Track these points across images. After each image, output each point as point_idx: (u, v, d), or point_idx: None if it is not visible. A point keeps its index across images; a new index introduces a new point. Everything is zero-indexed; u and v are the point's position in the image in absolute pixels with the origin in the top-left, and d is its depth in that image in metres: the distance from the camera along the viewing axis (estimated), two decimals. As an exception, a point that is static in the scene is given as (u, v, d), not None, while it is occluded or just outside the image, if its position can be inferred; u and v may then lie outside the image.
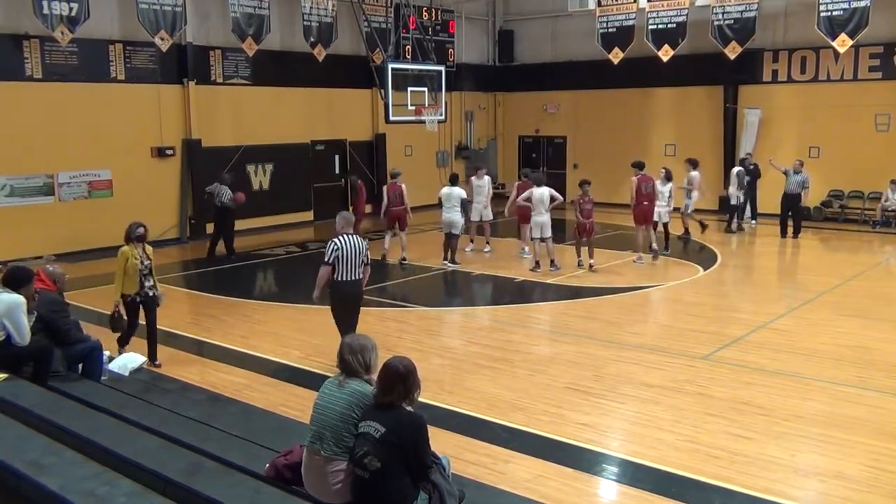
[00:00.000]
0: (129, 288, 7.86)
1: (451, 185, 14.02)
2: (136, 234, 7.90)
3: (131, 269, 7.82)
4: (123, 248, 7.87)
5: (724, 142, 20.00)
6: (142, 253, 7.94)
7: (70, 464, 4.53)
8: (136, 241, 7.89)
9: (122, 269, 7.82)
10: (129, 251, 7.85)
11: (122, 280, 7.83)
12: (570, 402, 7.21)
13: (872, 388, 7.48)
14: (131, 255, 7.83)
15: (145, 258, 7.98)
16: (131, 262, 7.81)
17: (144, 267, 7.95)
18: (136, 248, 7.88)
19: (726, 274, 13.52)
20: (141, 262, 7.88)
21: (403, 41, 18.76)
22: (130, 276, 7.84)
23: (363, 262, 7.75)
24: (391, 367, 4.08)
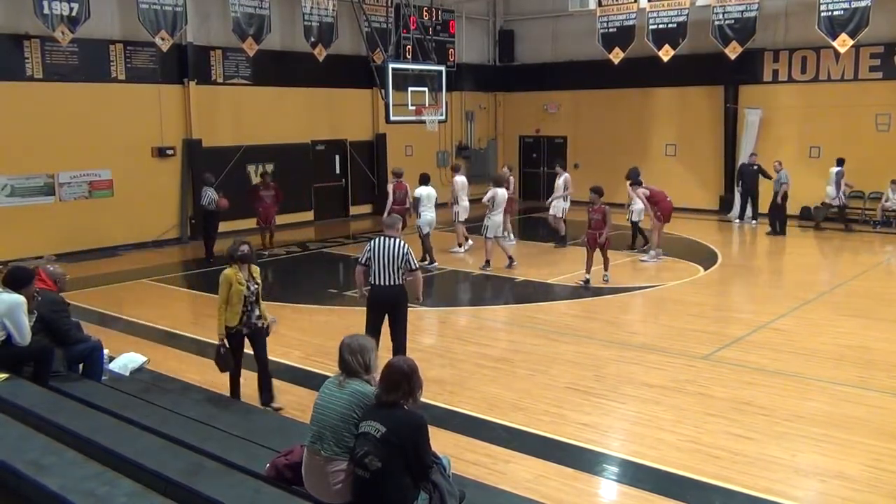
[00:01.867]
0: (234, 319, 6.65)
1: (426, 184, 13.91)
2: (239, 253, 6.68)
3: (235, 296, 6.59)
4: (226, 272, 6.68)
5: (725, 142, 19.99)
6: (247, 276, 6.71)
7: (70, 464, 4.53)
8: (240, 263, 6.67)
9: (226, 295, 6.61)
10: (232, 274, 6.61)
11: (225, 309, 6.65)
12: (570, 402, 7.21)
13: (873, 388, 7.47)
14: (235, 278, 6.60)
15: (252, 282, 6.74)
16: (236, 288, 6.58)
17: (251, 293, 6.72)
18: (241, 270, 6.67)
19: (727, 274, 13.51)
20: (247, 286, 6.67)
21: (404, 41, 18.76)
22: (234, 305, 6.62)
23: (404, 268, 7.34)
24: (395, 366, 4.09)
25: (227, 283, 6.58)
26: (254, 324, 6.81)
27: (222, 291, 6.60)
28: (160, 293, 12.48)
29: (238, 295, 6.58)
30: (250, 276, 6.73)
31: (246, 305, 6.66)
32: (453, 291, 12.79)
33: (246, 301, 6.65)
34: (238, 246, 6.67)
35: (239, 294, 6.59)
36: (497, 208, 13.32)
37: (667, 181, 19.14)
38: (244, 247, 6.69)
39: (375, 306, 7.48)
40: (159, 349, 8.93)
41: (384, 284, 7.33)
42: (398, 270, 7.33)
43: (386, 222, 7.85)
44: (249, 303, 6.70)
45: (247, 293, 6.64)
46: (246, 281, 6.64)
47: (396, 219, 7.96)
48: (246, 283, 6.64)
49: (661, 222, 13.94)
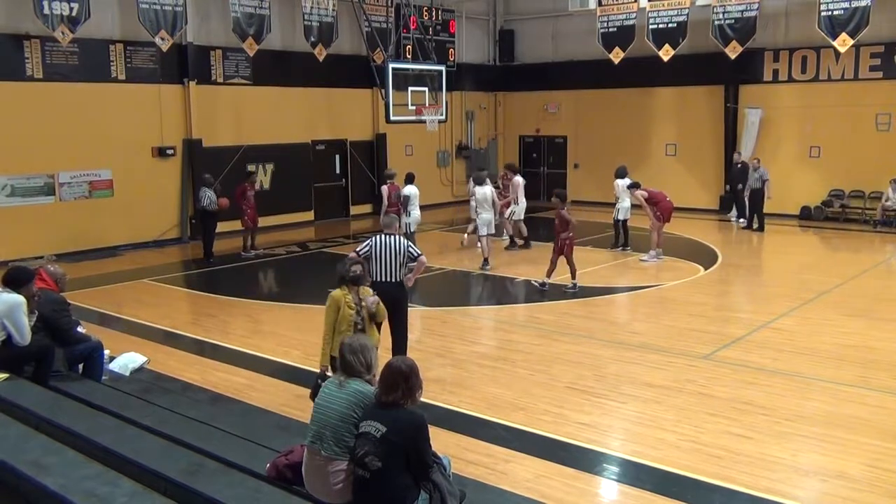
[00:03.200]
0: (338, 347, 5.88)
1: (411, 183, 13.96)
2: (352, 274, 6.02)
3: (344, 322, 5.89)
4: (334, 294, 6.03)
5: (725, 141, 19.99)
6: (356, 300, 6.07)
7: (71, 464, 4.53)
8: (350, 285, 6.05)
9: (333, 321, 5.92)
10: (341, 297, 5.97)
11: (332, 337, 5.95)
12: (571, 401, 7.20)
13: (874, 388, 7.47)
14: (345, 302, 5.95)
15: (358, 303, 6.09)
16: (345, 313, 5.91)
17: (360, 319, 6.02)
18: (351, 292, 6.05)
19: (727, 273, 13.50)
20: (356, 311, 6.00)
21: (404, 41, 18.77)
22: (343, 332, 5.85)
23: (406, 261, 7.45)
24: (394, 366, 4.08)
25: (335, 306, 5.90)
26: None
27: (329, 316, 5.91)
28: (160, 293, 12.48)
29: (347, 321, 5.88)
30: (359, 300, 6.08)
31: (354, 330, 5.92)
32: (453, 291, 12.78)
33: (355, 327, 5.92)
34: (350, 266, 6.00)
35: (348, 320, 5.89)
36: (482, 206, 13.60)
37: (667, 181, 19.22)
38: (357, 267, 6.02)
39: None
40: (159, 349, 8.92)
41: (385, 281, 7.41)
42: (399, 268, 7.45)
43: (384, 222, 7.96)
44: (358, 330, 5.93)
45: (356, 319, 5.93)
46: (355, 305, 5.99)
47: (394, 218, 8.14)
48: (355, 306, 5.98)
49: (661, 222, 13.94)
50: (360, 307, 6.00)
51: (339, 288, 6.03)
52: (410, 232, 13.75)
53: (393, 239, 7.46)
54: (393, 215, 8.27)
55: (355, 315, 5.92)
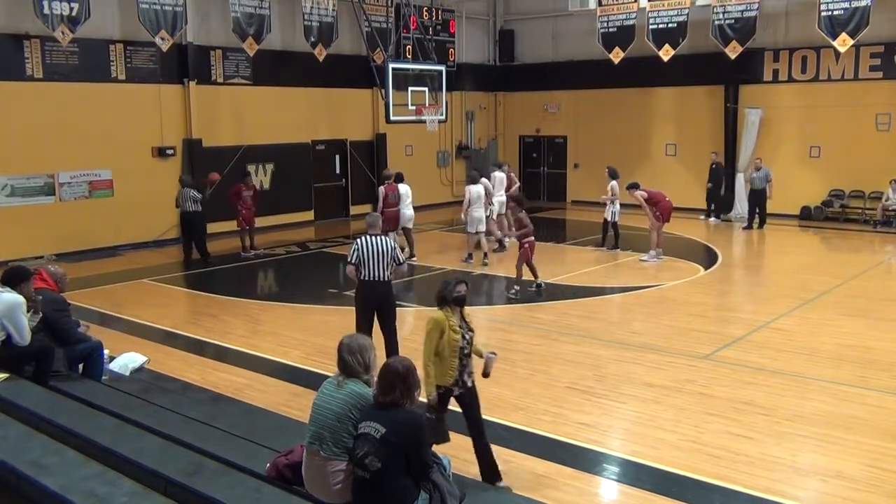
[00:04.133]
0: (447, 376, 5.31)
1: (401, 182, 14.09)
2: (456, 294, 5.40)
3: (448, 347, 5.26)
4: (436, 317, 5.36)
5: (725, 141, 19.98)
6: (461, 322, 5.46)
7: (71, 464, 4.53)
8: (453, 305, 5.43)
9: (435, 346, 5.28)
10: (444, 319, 5.31)
11: (435, 363, 5.31)
12: (570, 401, 7.21)
13: (873, 388, 7.47)
14: (449, 325, 5.30)
15: (467, 329, 5.48)
16: (449, 337, 5.27)
17: (466, 342, 5.41)
18: (454, 314, 5.42)
19: (727, 273, 13.51)
20: (462, 335, 5.39)
21: (404, 41, 18.77)
22: (447, 359, 5.28)
23: (392, 263, 7.60)
24: (391, 367, 4.08)
25: (437, 330, 5.26)
26: (464, 381, 5.41)
27: (431, 341, 5.27)
28: (160, 293, 12.49)
29: (452, 346, 5.26)
30: (464, 323, 5.47)
31: (461, 359, 5.35)
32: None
33: (461, 353, 5.34)
34: (454, 285, 5.39)
35: (454, 344, 5.27)
36: (473, 204, 13.77)
37: (667, 181, 19.25)
38: (461, 287, 5.41)
39: (366, 303, 7.70)
40: (159, 349, 8.93)
41: (374, 280, 7.56)
42: (387, 266, 7.58)
43: (369, 222, 8.01)
44: (464, 355, 5.38)
45: (462, 343, 5.33)
46: (461, 328, 5.39)
47: (377, 217, 8.23)
48: (461, 329, 5.38)
49: (660, 222, 13.94)
50: (467, 330, 5.44)
51: (441, 309, 5.38)
52: (406, 228, 14.00)
53: (378, 239, 7.61)
54: (377, 214, 8.33)
55: (461, 339, 5.31)
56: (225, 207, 15.34)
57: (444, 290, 5.39)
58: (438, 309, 5.39)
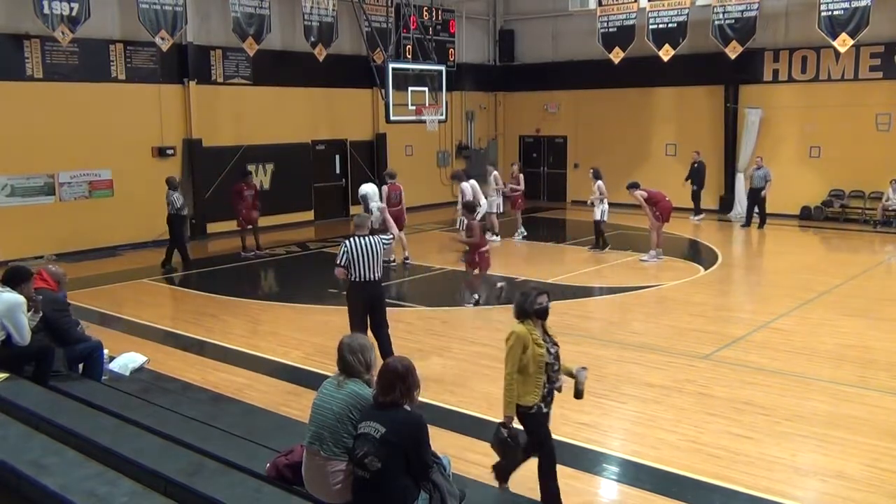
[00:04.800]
0: (532, 395, 4.92)
1: (370, 183, 14.21)
2: (537, 305, 4.98)
3: (533, 364, 4.87)
4: (518, 330, 4.92)
5: (725, 142, 19.99)
6: (545, 336, 5.03)
7: (71, 463, 4.53)
8: (534, 318, 5.00)
9: (517, 362, 4.87)
10: (527, 333, 4.89)
11: (517, 381, 4.90)
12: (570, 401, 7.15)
13: (873, 388, 7.47)
14: (532, 339, 4.89)
15: (552, 344, 5.06)
16: (534, 352, 4.86)
17: (552, 357, 5.01)
18: (537, 327, 5.00)
19: (727, 273, 13.51)
20: (547, 349, 4.97)
21: (404, 41, 18.77)
22: (532, 375, 4.89)
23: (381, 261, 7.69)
24: (390, 367, 4.08)
25: (520, 345, 4.85)
26: (550, 400, 5.08)
27: (513, 357, 4.87)
28: (160, 293, 12.50)
29: (536, 361, 4.87)
30: (548, 337, 5.07)
31: (548, 375, 4.98)
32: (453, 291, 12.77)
33: (549, 369, 4.97)
34: (535, 296, 4.98)
35: (538, 360, 4.87)
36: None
37: (667, 181, 19.25)
38: (542, 297, 4.99)
39: (359, 302, 7.76)
40: (159, 349, 8.93)
41: (365, 281, 7.62)
42: (377, 266, 7.67)
43: (357, 222, 8.02)
44: (553, 372, 5.02)
45: (548, 359, 4.95)
46: (545, 342, 4.98)
47: (366, 218, 8.25)
48: (546, 344, 4.97)
49: (660, 222, 13.94)
50: (552, 344, 5.03)
51: (522, 323, 4.95)
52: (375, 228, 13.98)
53: (367, 239, 7.65)
54: (365, 215, 8.35)
55: (547, 354, 4.91)
56: (225, 208, 15.38)
57: (525, 302, 4.95)
58: (518, 322, 4.96)
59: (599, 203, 14.64)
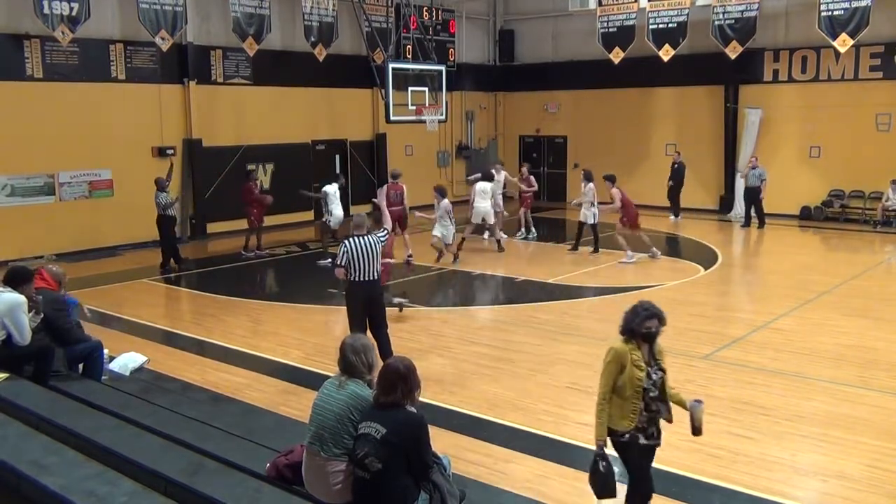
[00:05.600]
0: (624, 420, 4.49)
1: (331, 184, 14.35)
2: (644, 329, 4.50)
3: (629, 386, 4.45)
4: (617, 348, 4.53)
5: (725, 142, 19.99)
6: (649, 358, 4.55)
7: (71, 463, 4.53)
8: (641, 340, 4.52)
9: (612, 381, 4.49)
10: (626, 352, 4.49)
11: (609, 403, 4.51)
12: (571, 401, 7.21)
13: (873, 388, 7.47)
14: (632, 359, 4.47)
15: (656, 368, 4.56)
16: (631, 374, 4.45)
17: (652, 383, 4.52)
18: (641, 349, 4.53)
19: (727, 273, 13.51)
20: (648, 374, 4.50)
21: (404, 41, 18.77)
22: (627, 399, 4.46)
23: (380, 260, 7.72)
24: (392, 367, 4.08)
25: (617, 363, 4.47)
26: (652, 432, 4.60)
27: (609, 375, 4.49)
28: (160, 293, 12.50)
29: (634, 384, 4.44)
30: (654, 361, 4.56)
31: (646, 402, 4.50)
32: (453, 291, 12.79)
33: (645, 395, 4.49)
34: (643, 319, 4.47)
35: (635, 383, 4.44)
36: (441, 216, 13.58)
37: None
38: (652, 322, 4.48)
39: (358, 302, 7.75)
40: (159, 349, 8.93)
41: (365, 280, 7.62)
42: (377, 266, 7.68)
43: (356, 222, 7.99)
44: (650, 398, 4.51)
45: (646, 383, 4.48)
46: (648, 366, 4.51)
47: (364, 217, 8.18)
48: (648, 367, 4.50)
49: (625, 227, 13.75)
50: (656, 369, 4.54)
51: (624, 341, 4.53)
52: (328, 227, 14.32)
53: (366, 239, 7.64)
54: (363, 215, 8.28)
55: (646, 378, 4.47)
56: (225, 208, 15.37)
57: (633, 322, 4.51)
58: (622, 339, 4.54)
59: (590, 206, 14.33)
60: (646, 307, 4.53)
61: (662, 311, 4.54)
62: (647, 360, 4.52)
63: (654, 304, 4.54)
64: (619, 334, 4.58)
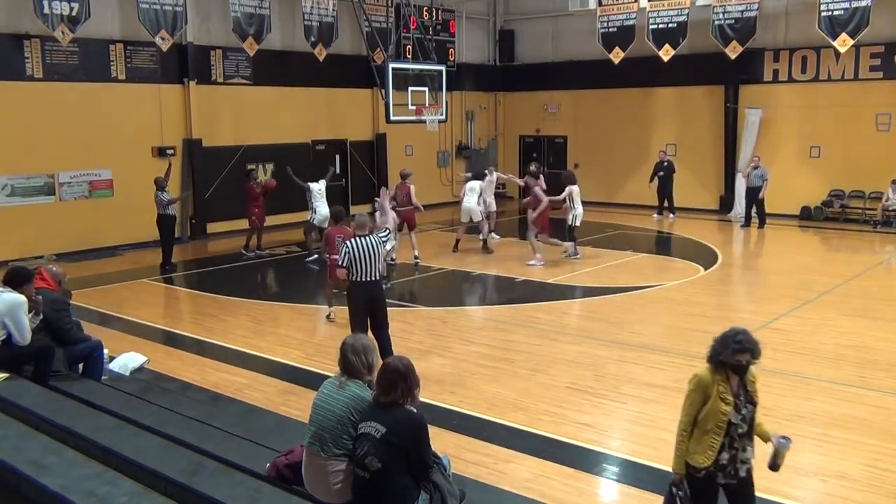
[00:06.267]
0: (703, 455, 4.00)
1: (316, 181, 14.48)
2: (734, 361, 3.99)
3: (712, 419, 3.98)
4: (701, 375, 4.10)
5: (725, 142, 19.98)
6: (738, 391, 4.04)
7: (71, 463, 4.53)
8: (731, 369, 4.02)
9: (694, 412, 4.05)
10: (710, 382, 4.04)
11: (690, 434, 4.07)
12: (571, 401, 7.21)
13: (873, 388, 7.47)
14: (717, 391, 4.00)
15: (745, 401, 4.04)
16: (716, 406, 3.98)
17: (742, 419, 4.01)
18: (731, 381, 4.03)
19: (727, 273, 13.51)
20: (736, 406, 3.99)
21: (404, 41, 18.77)
22: (709, 433, 3.99)
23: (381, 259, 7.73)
24: (391, 367, 4.09)
25: (701, 392, 4.04)
26: (734, 468, 4.05)
27: (691, 406, 4.07)
28: (160, 293, 12.50)
29: (717, 417, 3.96)
30: (743, 390, 4.06)
31: (730, 437, 4.00)
32: (453, 291, 12.79)
33: (730, 430, 3.99)
34: (734, 352, 3.97)
35: (718, 418, 3.96)
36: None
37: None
38: (744, 356, 3.97)
39: (360, 303, 7.76)
40: (159, 349, 8.93)
41: (367, 281, 7.63)
42: (378, 266, 7.69)
43: (358, 222, 8.00)
44: (738, 435, 4.00)
45: (734, 418, 3.98)
46: (737, 397, 4.01)
47: (366, 218, 8.20)
48: (737, 398, 4.01)
49: (538, 227, 13.45)
50: (746, 402, 4.04)
51: (711, 370, 4.09)
52: (313, 226, 14.29)
53: (367, 240, 7.65)
54: (365, 215, 8.29)
55: (733, 413, 3.98)
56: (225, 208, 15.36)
57: (723, 352, 4.03)
58: (708, 368, 4.11)
59: (572, 208, 13.90)
60: (738, 340, 3.99)
61: (757, 343, 4.01)
62: (736, 391, 4.04)
63: (748, 336, 4.02)
64: (707, 362, 4.13)
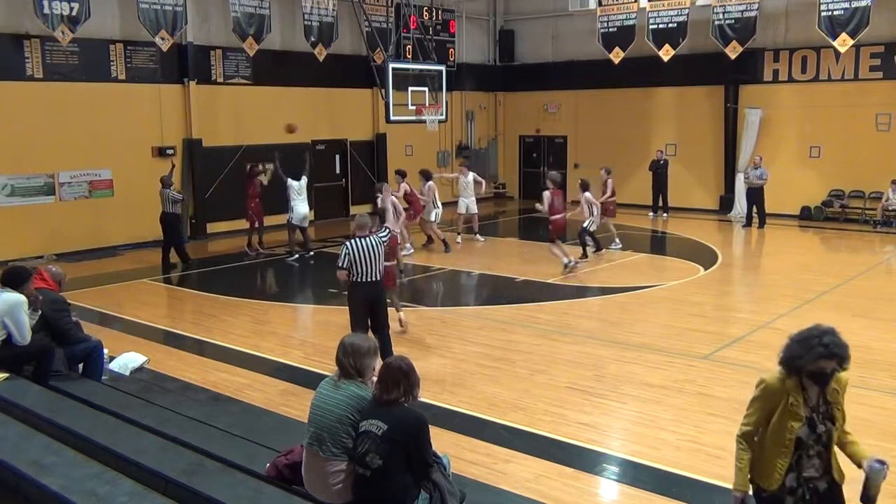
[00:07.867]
0: (771, 476, 3.51)
1: (297, 179, 14.53)
2: (815, 367, 3.39)
3: (777, 436, 3.48)
4: (769, 381, 3.54)
5: (725, 142, 19.99)
6: (817, 403, 3.48)
7: (71, 463, 4.53)
8: (809, 379, 3.46)
9: (755, 421, 3.59)
10: (782, 391, 3.48)
11: (751, 451, 3.60)
12: (570, 401, 7.21)
13: (873, 388, 7.46)
14: (788, 402, 3.46)
15: (823, 416, 3.47)
16: (782, 423, 3.47)
17: (816, 439, 3.47)
18: (807, 390, 3.48)
19: (727, 273, 13.51)
20: (810, 423, 3.45)
21: (404, 41, 18.76)
22: (776, 447, 3.49)
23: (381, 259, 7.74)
24: (393, 366, 4.10)
25: (767, 400, 3.52)
26: (818, 486, 3.51)
27: (752, 411, 3.59)
28: (160, 293, 12.50)
29: (783, 436, 3.45)
30: (823, 402, 3.49)
31: (804, 454, 3.48)
32: (453, 291, 12.79)
33: (803, 445, 3.46)
34: (818, 357, 3.35)
35: (785, 435, 3.45)
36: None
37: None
38: (828, 363, 3.37)
39: (360, 303, 7.75)
40: (159, 349, 8.93)
41: (367, 281, 7.63)
42: (379, 266, 7.68)
43: (358, 223, 7.99)
44: (815, 453, 3.48)
45: (806, 437, 3.46)
46: (811, 411, 3.46)
47: (367, 218, 8.20)
48: (813, 411, 3.46)
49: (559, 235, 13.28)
50: (823, 418, 3.46)
51: (782, 376, 3.50)
52: (294, 226, 14.40)
53: (367, 240, 7.64)
54: (366, 216, 8.28)
55: (805, 430, 3.43)
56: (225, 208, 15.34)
57: (804, 356, 3.39)
58: (780, 373, 3.50)
59: (590, 214, 14.00)
60: (825, 342, 3.32)
61: (847, 347, 3.35)
62: (813, 404, 3.44)
63: (836, 338, 3.35)
64: (779, 365, 3.48)
